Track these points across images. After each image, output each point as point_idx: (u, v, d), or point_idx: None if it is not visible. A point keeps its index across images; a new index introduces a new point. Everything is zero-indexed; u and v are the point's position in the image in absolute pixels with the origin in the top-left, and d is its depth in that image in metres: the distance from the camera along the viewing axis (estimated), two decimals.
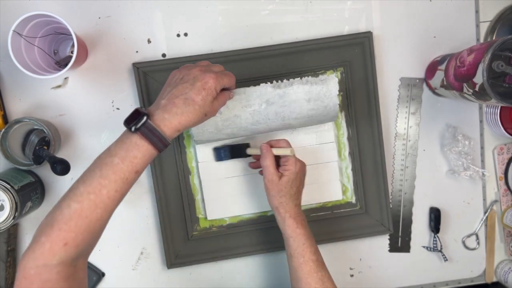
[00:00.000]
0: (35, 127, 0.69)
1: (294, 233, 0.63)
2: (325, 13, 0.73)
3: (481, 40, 0.75)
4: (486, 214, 0.78)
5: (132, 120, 0.51)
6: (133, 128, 0.51)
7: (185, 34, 0.72)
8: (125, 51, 0.72)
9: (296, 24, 0.73)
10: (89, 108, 0.72)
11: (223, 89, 0.58)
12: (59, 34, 0.69)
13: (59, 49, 0.71)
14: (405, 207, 0.78)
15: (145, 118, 0.50)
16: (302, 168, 0.65)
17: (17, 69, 0.60)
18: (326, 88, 0.63)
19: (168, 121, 0.51)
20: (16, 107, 0.71)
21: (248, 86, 0.72)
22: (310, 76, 0.70)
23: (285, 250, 0.72)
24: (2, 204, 0.64)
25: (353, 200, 0.76)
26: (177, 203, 0.73)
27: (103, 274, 0.75)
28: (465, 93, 0.61)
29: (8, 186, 0.64)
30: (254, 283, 0.77)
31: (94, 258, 0.75)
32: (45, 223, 0.49)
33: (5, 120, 0.70)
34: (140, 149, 0.51)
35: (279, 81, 0.65)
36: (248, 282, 0.77)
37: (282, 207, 0.63)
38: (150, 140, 0.51)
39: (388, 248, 0.78)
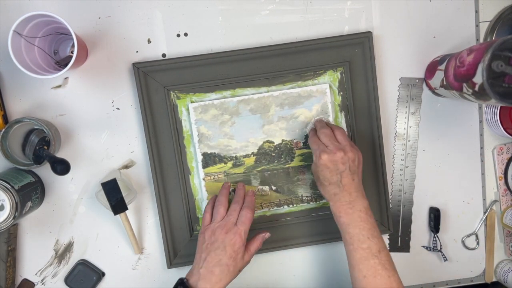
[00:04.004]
0: (35, 127, 0.69)
1: (338, 222, 0.64)
2: (325, 13, 0.73)
3: (481, 40, 0.75)
4: (486, 214, 0.78)
5: None
6: None
7: (185, 34, 0.72)
8: (125, 51, 0.72)
9: (296, 24, 0.73)
10: (89, 108, 0.72)
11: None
12: (59, 34, 0.68)
13: (59, 49, 0.71)
14: (404, 207, 0.78)
15: None
16: (327, 160, 0.63)
17: (17, 69, 0.60)
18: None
19: None
20: (16, 107, 0.71)
21: (248, 86, 0.72)
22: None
23: (284, 249, 0.73)
24: (2, 204, 0.64)
25: None
26: (177, 203, 0.73)
27: (103, 274, 0.75)
28: (465, 93, 0.61)
29: (8, 186, 0.64)
30: (254, 283, 0.77)
31: (94, 258, 0.75)
32: None
33: (5, 120, 0.70)
34: None
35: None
36: (248, 282, 0.77)
37: (324, 195, 0.66)
38: None
39: (388, 248, 0.78)
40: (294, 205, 0.75)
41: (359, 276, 0.61)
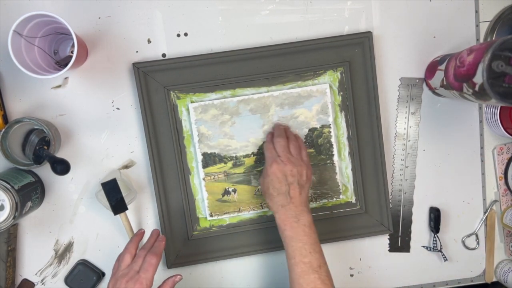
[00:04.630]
0: (35, 127, 0.69)
1: (282, 235, 0.64)
2: (325, 13, 0.73)
3: (481, 40, 0.75)
4: (486, 214, 0.78)
5: None
6: None
7: (185, 34, 0.72)
8: (125, 51, 0.72)
9: (296, 24, 0.73)
10: (89, 108, 0.72)
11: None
12: (59, 34, 0.68)
13: (59, 49, 0.71)
14: (405, 207, 0.78)
15: None
16: (277, 170, 0.64)
17: (17, 69, 0.60)
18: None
19: None
20: (16, 107, 0.71)
21: (248, 86, 0.72)
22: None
23: (283, 249, 0.73)
24: (2, 204, 0.64)
25: (353, 200, 0.76)
26: (177, 203, 0.73)
27: (103, 274, 0.75)
28: (465, 93, 0.61)
29: (8, 186, 0.64)
30: (254, 283, 0.77)
31: (94, 258, 0.75)
32: None
33: (5, 120, 0.70)
34: None
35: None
36: (248, 282, 0.77)
37: (269, 207, 0.66)
38: None
39: (388, 248, 0.78)
40: None
41: None
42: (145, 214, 0.75)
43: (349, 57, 0.72)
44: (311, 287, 0.60)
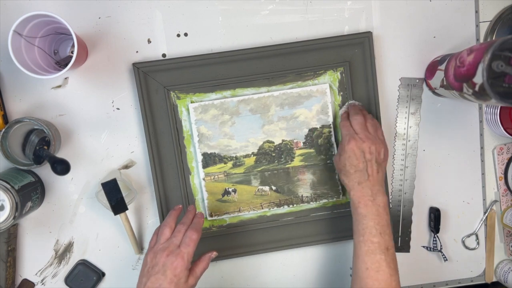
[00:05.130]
0: (35, 127, 0.69)
1: (355, 212, 0.64)
2: (325, 13, 0.73)
3: (481, 40, 0.75)
4: (486, 214, 0.78)
5: None
6: None
7: (185, 34, 0.72)
8: (125, 51, 0.72)
9: (296, 24, 0.73)
10: (89, 108, 0.72)
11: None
12: (59, 34, 0.69)
13: (59, 49, 0.71)
14: (405, 207, 0.78)
15: None
16: (355, 146, 0.63)
17: (17, 69, 0.60)
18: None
19: None
20: (16, 107, 0.71)
21: (248, 86, 0.72)
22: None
23: (284, 250, 0.73)
24: (2, 204, 0.64)
25: None
26: (177, 203, 0.73)
27: (103, 274, 0.75)
28: (465, 93, 0.61)
29: (8, 186, 0.64)
30: (254, 283, 0.77)
31: (94, 258, 0.75)
32: None
33: (5, 120, 0.70)
34: None
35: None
36: (248, 282, 0.77)
37: (345, 184, 0.66)
38: None
39: None
40: (294, 205, 0.75)
41: (362, 267, 0.61)
42: (145, 214, 0.75)
43: (349, 57, 0.72)
44: (376, 267, 0.60)
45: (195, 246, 0.61)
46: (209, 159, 0.73)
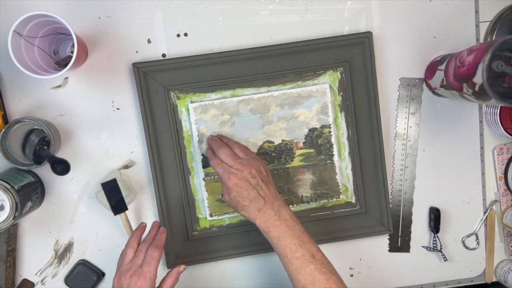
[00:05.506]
0: (35, 127, 0.69)
1: (268, 237, 0.62)
2: (325, 13, 0.73)
3: (481, 40, 0.75)
4: (486, 214, 0.78)
5: None
6: None
7: (185, 34, 0.72)
8: (125, 51, 0.72)
9: (296, 24, 0.73)
10: (89, 108, 0.72)
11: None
12: (59, 34, 0.69)
13: (59, 49, 0.71)
14: (405, 207, 0.78)
15: None
16: (238, 180, 0.61)
17: (17, 69, 0.60)
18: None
19: None
20: (16, 107, 0.71)
21: (248, 86, 0.72)
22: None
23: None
24: (2, 204, 0.64)
25: (353, 200, 0.76)
26: (177, 203, 0.73)
27: (103, 274, 0.75)
28: (465, 93, 0.61)
29: (8, 186, 0.64)
30: (254, 283, 0.77)
31: (94, 258, 0.75)
32: None
33: (5, 120, 0.70)
34: None
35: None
36: (248, 282, 0.77)
37: (248, 218, 0.64)
38: None
39: (388, 248, 0.78)
40: (294, 205, 0.75)
41: (299, 286, 0.60)
42: (145, 214, 0.75)
43: (349, 57, 0.72)
44: (310, 280, 0.59)
45: (157, 263, 0.61)
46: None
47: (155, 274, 0.60)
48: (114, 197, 0.68)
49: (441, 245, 0.77)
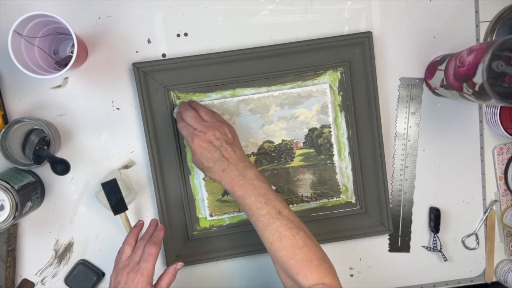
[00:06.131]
0: (35, 127, 0.69)
1: (234, 197, 0.63)
2: (325, 13, 0.73)
3: (481, 40, 0.75)
4: (486, 214, 0.78)
5: None
6: None
7: (185, 34, 0.72)
8: (125, 51, 0.72)
9: (296, 24, 0.73)
10: (89, 108, 0.72)
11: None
12: (59, 34, 0.68)
13: (59, 49, 0.71)
14: (405, 207, 0.78)
15: None
16: (201, 141, 0.62)
17: (17, 69, 0.60)
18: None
19: None
20: (16, 107, 0.71)
21: (248, 86, 0.72)
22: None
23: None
24: (2, 204, 0.64)
25: (353, 200, 0.76)
26: (177, 203, 0.73)
27: (103, 274, 0.75)
28: (465, 93, 0.61)
29: (8, 186, 0.64)
30: (254, 283, 0.77)
31: (94, 258, 0.75)
32: None
33: (5, 120, 0.70)
34: None
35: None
36: (248, 282, 0.77)
37: (214, 179, 0.64)
38: None
39: (388, 248, 0.78)
40: (294, 205, 0.75)
41: (267, 243, 0.60)
42: (145, 214, 0.75)
43: (349, 57, 0.72)
44: (277, 236, 0.59)
45: (154, 260, 0.61)
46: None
47: (153, 271, 0.61)
48: (114, 197, 0.68)
49: (441, 245, 0.77)
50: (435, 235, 0.77)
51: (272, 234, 0.60)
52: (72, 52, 0.66)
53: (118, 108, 0.73)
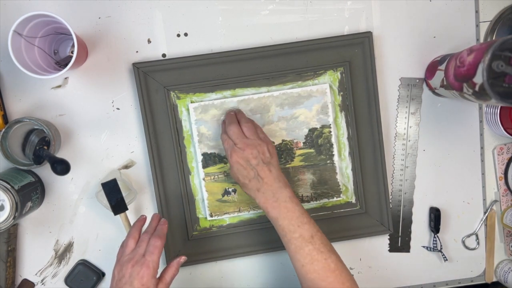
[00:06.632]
0: (35, 127, 0.69)
1: (269, 218, 0.64)
2: (325, 13, 0.73)
3: (481, 40, 0.75)
4: (486, 214, 0.78)
5: None
6: None
7: (185, 34, 0.72)
8: (125, 51, 0.72)
9: (296, 24, 0.73)
10: (89, 108, 0.72)
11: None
12: (59, 34, 0.69)
13: (59, 49, 0.71)
14: (405, 207, 0.78)
15: None
16: (238, 158, 0.63)
17: (17, 69, 0.60)
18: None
19: None
20: (16, 107, 0.71)
21: (248, 86, 0.72)
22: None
23: (284, 249, 0.73)
24: (2, 204, 0.64)
25: (353, 200, 0.76)
26: (177, 203, 0.73)
27: (103, 274, 0.75)
28: (465, 93, 0.61)
29: (8, 186, 0.64)
30: (254, 283, 0.77)
31: (94, 258, 0.75)
32: None
33: (5, 120, 0.70)
34: None
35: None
36: (248, 282, 0.77)
37: (249, 195, 0.65)
38: None
39: (388, 248, 0.78)
40: None
41: (298, 266, 0.61)
42: (145, 214, 0.75)
43: (349, 57, 0.72)
44: (309, 260, 0.60)
45: (160, 253, 0.61)
46: (209, 159, 0.73)
47: (158, 264, 0.61)
48: (114, 197, 0.68)
49: (441, 245, 0.77)
50: (435, 235, 0.77)
51: (303, 257, 0.61)
52: (72, 52, 0.66)
53: (118, 108, 0.73)
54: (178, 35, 0.72)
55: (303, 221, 0.62)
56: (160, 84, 0.71)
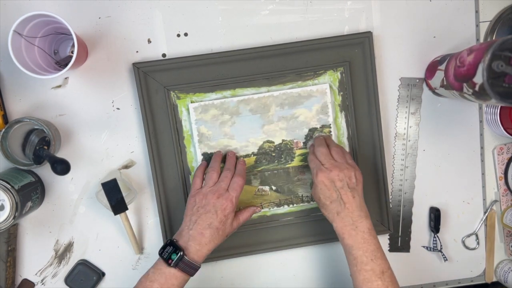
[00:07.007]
0: (35, 127, 0.69)
1: (342, 243, 0.64)
2: (325, 13, 0.73)
3: (481, 40, 0.75)
4: (486, 214, 0.78)
5: (166, 249, 0.61)
6: (172, 263, 0.60)
7: (185, 34, 0.72)
8: (125, 51, 0.72)
9: (296, 24, 0.73)
10: (89, 108, 0.72)
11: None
12: (59, 34, 0.69)
13: (59, 49, 0.71)
14: (405, 207, 0.78)
15: (181, 253, 0.60)
16: (324, 178, 0.63)
17: (17, 69, 0.60)
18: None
19: (200, 252, 0.62)
20: (16, 107, 0.71)
21: (248, 86, 0.72)
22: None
23: (284, 250, 0.73)
24: (2, 204, 0.64)
25: None
26: (177, 203, 0.73)
27: (103, 274, 0.75)
28: (465, 93, 0.61)
29: (8, 186, 0.64)
30: (254, 283, 0.77)
31: (94, 258, 0.75)
32: None
33: (5, 120, 0.70)
34: (178, 278, 0.61)
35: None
36: (248, 282, 0.77)
37: (326, 217, 0.66)
38: (187, 272, 0.61)
39: (388, 248, 0.78)
40: (294, 205, 0.75)
41: None
42: (145, 214, 0.75)
43: (349, 57, 0.72)
44: None
45: (241, 191, 0.66)
46: (209, 159, 0.73)
47: (237, 201, 0.66)
48: (114, 197, 0.68)
49: (441, 245, 0.77)
50: (435, 235, 0.77)
51: None
52: (72, 52, 0.66)
53: (118, 108, 0.73)
54: (178, 35, 0.72)
55: (377, 256, 0.61)
56: (160, 84, 0.71)
